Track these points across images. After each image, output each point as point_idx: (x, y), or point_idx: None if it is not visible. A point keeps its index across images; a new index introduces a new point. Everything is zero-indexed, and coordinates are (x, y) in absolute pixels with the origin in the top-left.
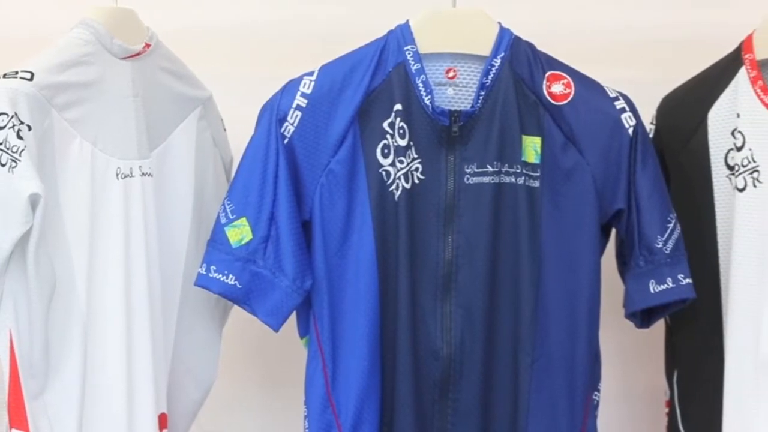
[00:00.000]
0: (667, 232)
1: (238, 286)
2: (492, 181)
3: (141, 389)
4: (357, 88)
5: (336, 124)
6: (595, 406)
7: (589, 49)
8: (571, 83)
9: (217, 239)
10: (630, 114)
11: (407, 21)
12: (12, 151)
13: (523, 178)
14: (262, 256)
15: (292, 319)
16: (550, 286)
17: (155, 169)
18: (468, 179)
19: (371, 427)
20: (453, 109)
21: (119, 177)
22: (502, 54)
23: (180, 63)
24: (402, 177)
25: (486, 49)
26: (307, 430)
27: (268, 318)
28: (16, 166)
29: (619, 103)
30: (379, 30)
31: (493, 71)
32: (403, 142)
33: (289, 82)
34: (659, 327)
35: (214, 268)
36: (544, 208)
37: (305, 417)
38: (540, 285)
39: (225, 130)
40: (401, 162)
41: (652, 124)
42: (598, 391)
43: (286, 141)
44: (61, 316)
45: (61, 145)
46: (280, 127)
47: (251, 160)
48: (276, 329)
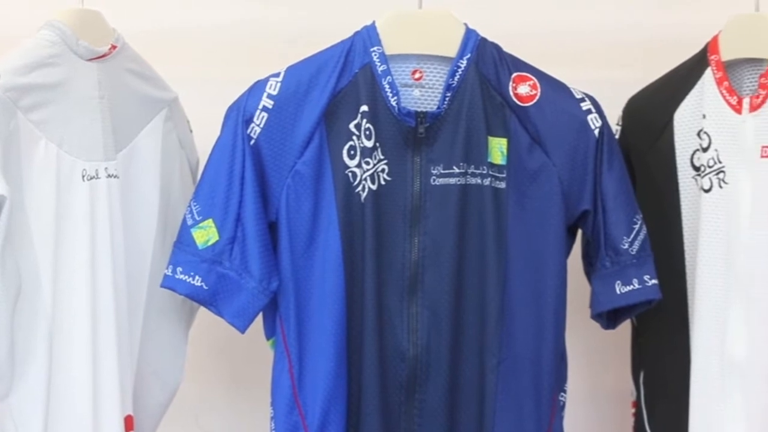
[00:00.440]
0: (633, 232)
1: (205, 287)
2: (458, 183)
3: (106, 391)
4: (323, 90)
5: (302, 126)
6: (562, 407)
7: (556, 50)
8: (538, 84)
9: (183, 240)
10: (596, 115)
11: (373, 22)
12: None
13: (489, 179)
14: (229, 257)
15: (259, 320)
16: (516, 287)
17: (121, 170)
18: (434, 180)
19: (338, 428)
20: (419, 110)
21: (85, 179)
22: (468, 55)
23: (146, 65)
24: (368, 178)
25: (452, 51)
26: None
27: (234, 319)
28: None
29: (586, 105)
30: (345, 31)
31: (459, 72)
32: (369, 144)
33: (256, 83)
34: (625, 327)
35: (181, 270)
36: (510, 210)
37: (272, 418)
38: (506, 286)
39: (191, 132)
40: (367, 163)
41: (618, 125)
42: (565, 391)
43: (252, 142)
44: (27, 318)
45: (26, 146)
46: (247, 128)
47: (217, 162)
48: (242, 331)
